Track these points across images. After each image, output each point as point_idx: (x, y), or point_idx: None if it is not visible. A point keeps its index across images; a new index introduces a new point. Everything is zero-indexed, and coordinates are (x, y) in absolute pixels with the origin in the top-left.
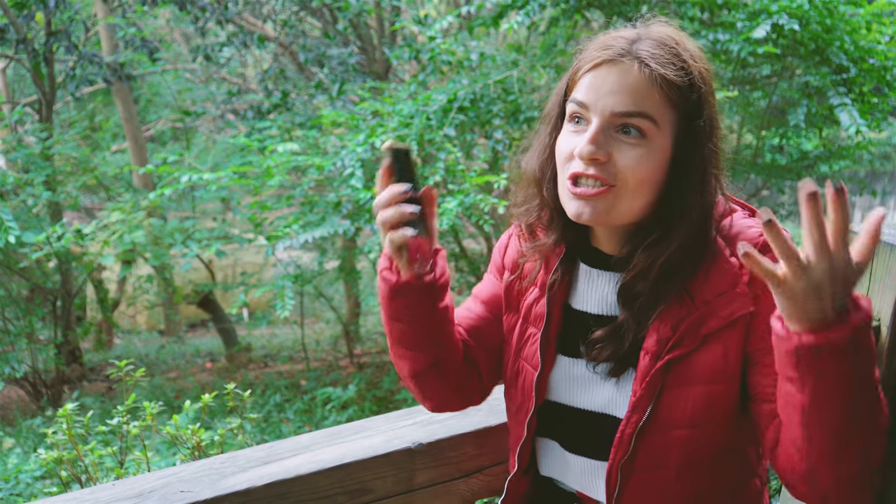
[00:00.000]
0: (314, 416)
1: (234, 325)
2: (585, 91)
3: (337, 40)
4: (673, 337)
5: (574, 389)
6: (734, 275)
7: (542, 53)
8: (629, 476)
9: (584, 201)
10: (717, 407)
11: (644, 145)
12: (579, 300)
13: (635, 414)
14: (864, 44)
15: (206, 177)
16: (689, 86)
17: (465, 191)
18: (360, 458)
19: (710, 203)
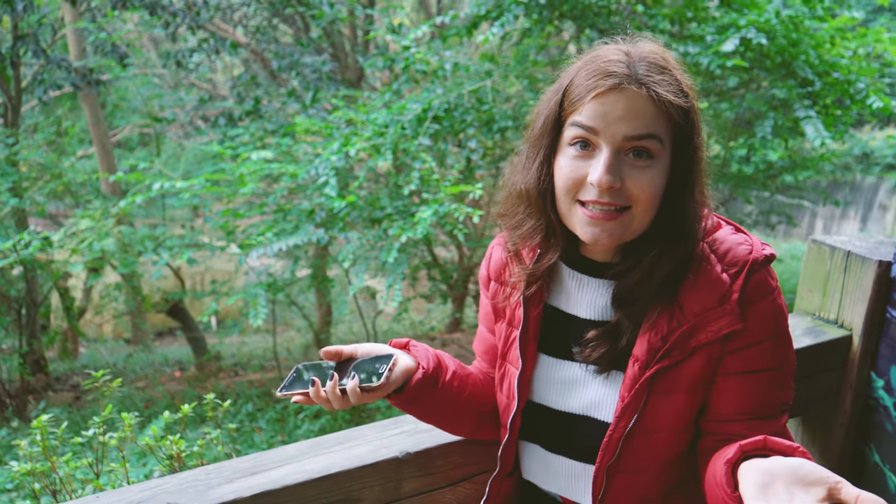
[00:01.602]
0: (287, 426)
1: (203, 333)
2: (593, 117)
3: (310, 48)
4: (663, 347)
5: (556, 391)
6: (724, 290)
7: (516, 64)
8: (614, 477)
9: (600, 227)
10: (694, 410)
11: (653, 165)
12: (569, 304)
13: (623, 419)
14: (829, 58)
15: (178, 185)
16: (687, 106)
17: (439, 200)
18: (347, 467)
19: (702, 214)
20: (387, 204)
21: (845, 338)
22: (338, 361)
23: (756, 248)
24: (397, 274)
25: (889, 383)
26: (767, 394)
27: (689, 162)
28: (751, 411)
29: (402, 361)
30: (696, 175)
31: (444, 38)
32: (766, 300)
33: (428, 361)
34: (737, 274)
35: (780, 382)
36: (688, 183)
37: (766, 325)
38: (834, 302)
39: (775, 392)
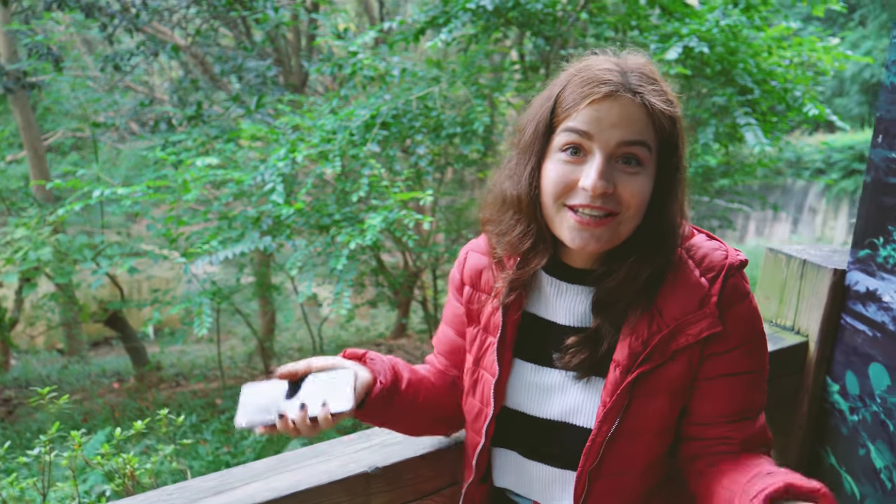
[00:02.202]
0: (232, 437)
1: (142, 343)
2: (587, 122)
3: (254, 52)
4: (644, 352)
5: (534, 397)
6: (703, 294)
7: (463, 70)
8: (596, 481)
9: (589, 233)
10: (674, 414)
11: (642, 172)
12: (547, 310)
13: (605, 423)
14: (766, 66)
15: (120, 191)
16: (675, 116)
17: (388, 207)
18: (316, 484)
19: (682, 222)
20: (334, 210)
21: (802, 344)
22: (292, 381)
23: (731, 254)
24: (346, 281)
25: (844, 388)
26: (748, 396)
27: (674, 171)
28: (733, 413)
29: (360, 376)
30: (680, 184)
31: (390, 44)
32: (742, 304)
33: (385, 374)
34: (714, 278)
35: (758, 384)
36: (672, 191)
37: (745, 327)
38: (790, 308)
39: (755, 394)
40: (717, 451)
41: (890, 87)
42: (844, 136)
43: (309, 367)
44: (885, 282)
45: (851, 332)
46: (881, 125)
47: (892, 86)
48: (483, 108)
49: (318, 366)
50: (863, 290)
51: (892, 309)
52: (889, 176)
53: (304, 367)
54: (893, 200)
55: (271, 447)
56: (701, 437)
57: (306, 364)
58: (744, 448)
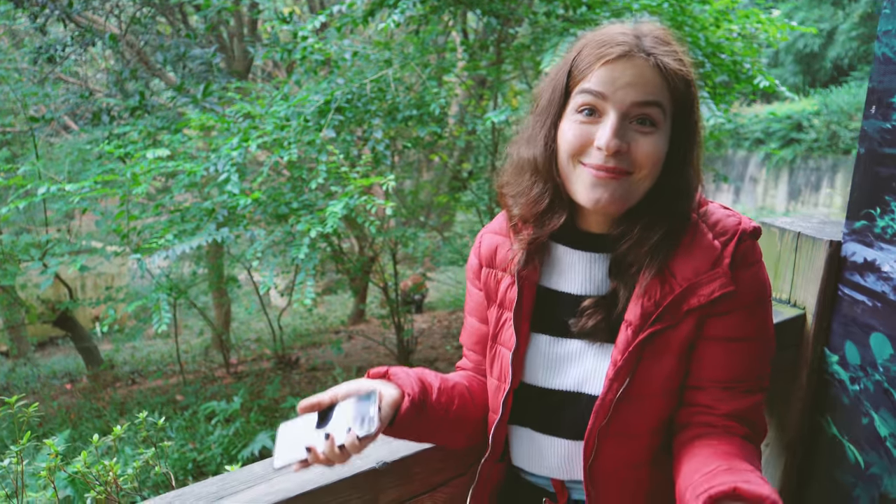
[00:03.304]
0: (197, 432)
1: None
2: (601, 83)
3: (197, 40)
4: (655, 312)
5: (549, 369)
6: (716, 255)
7: (416, 52)
8: (604, 441)
9: (603, 187)
10: (680, 376)
11: (655, 133)
12: (562, 282)
13: (615, 382)
14: (714, 40)
15: (68, 187)
16: (687, 80)
17: (349, 193)
18: (324, 483)
19: (696, 186)
20: (292, 199)
21: (799, 316)
22: (320, 411)
23: (744, 221)
24: (308, 270)
25: (844, 358)
26: (745, 364)
27: (689, 132)
28: (725, 380)
29: (386, 394)
30: (694, 147)
31: (338, 27)
32: (753, 267)
33: (412, 387)
34: (727, 241)
35: (759, 355)
36: (686, 153)
37: (753, 290)
38: (786, 282)
39: (754, 364)
40: (700, 421)
41: (882, 58)
42: (782, 105)
43: (335, 397)
44: (885, 252)
45: (850, 302)
46: (874, 96)
47: (885, 56)
48: (438, 90)
49: (344, 392)
50: (860, 260)
51: (893, 278)
52: (884, 146)
53: (329, 397)
54: (889, 171)
55: (239, 441)
56: (690, 402)
57: (332, 394)
58: (726, 424)
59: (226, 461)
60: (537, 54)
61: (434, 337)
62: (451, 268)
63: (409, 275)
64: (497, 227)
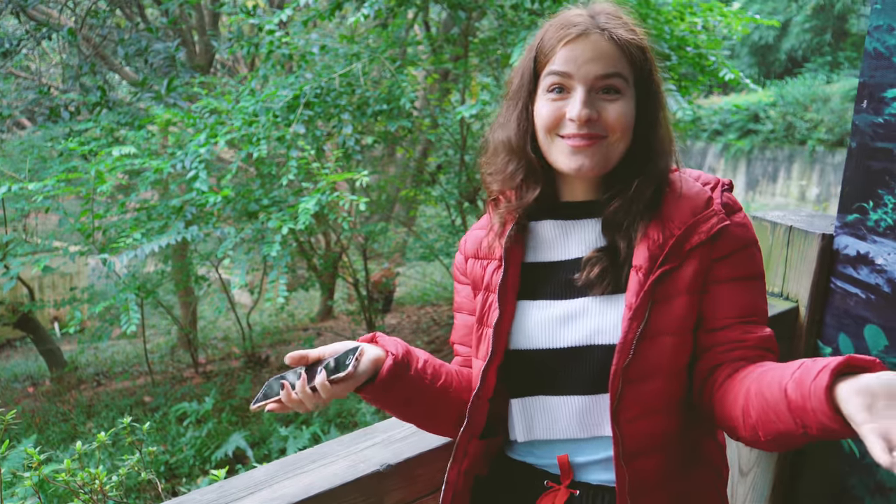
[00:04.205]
0: (168, 434)
1: (59, 344)
2: (565, 63)
3: (160, 33)
4: (662, 254)
5: (552, 329)
6: (707, 197)
7: (384, 46)
8: (627, 384)
9: (582, 154)
10: (692, 316)
11: (621, 99)
12: (555, 254)
13: (634, 321)
14: (679, 33)
15: (31, 186)
16: (642, 47)
17: (321, 189)
18: (328, 487)
19: (671, 143)
20: (261, 195)
21: (792, 309)
22: (306, 365)
23: (720, 177)
24: (280, 267)
25: (838, 350)
26: (755, 300)
27: (652, 96)
28: (745, 315)
29: (369, 352)
30: (659, 107)
31: (304, 21)
32: (739, 213)
33: (397, 348)
34: (713, 188)
35: (762, 292)
36: (653, 114)
37: (746, 232)
38: (778, 276)
39: (760, 301)
40: (736, 356)
41: (873, 53)
42: (739, 96)
43: (322, 354)
44: (878, 245)
45: (842, 295)
46: (865, 90)
47: (876, 52)
48: (407, 84)
49: (331, 351)
50: (853, 253)
51: (886, 271)
52: (876, 140)
53: (316, 353)
54: (881, 165)
55: (212, 442)
56: (717, 342)
57: (319, 351)
58: (759, 354)
59: (199, 463)
60: (504, 47)
61: (404, 332)
62: (419, 263)
63: (375, 270)
64: (481, 224)
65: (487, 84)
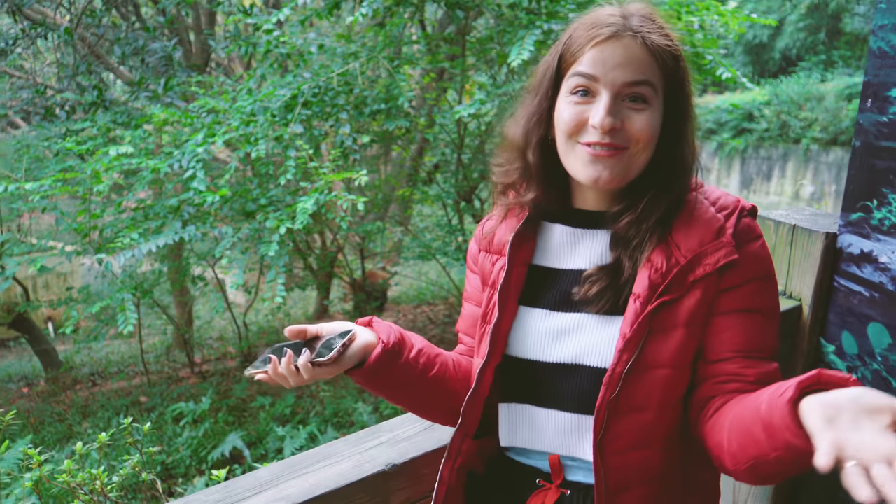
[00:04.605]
0: (164, 434)
1: (54, 344)
2: (592, 65)
3: (156, 32)
4: (662, 283)
5: (541, 342)
6: (719, 226)
7: (382, 44)
8: (614, 417)
9: (601, 164)
10: (691, 349)
11: (648, 109)
12: (561, 260)
13: (625, 353)
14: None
15: (28, 186)
16: (676, 55)
17: (319, 188)
18: (333, 487)
19: (693, 161)
20: (259, 195)
21: (795, 308)
22: (305, 340)
23: (742, 200)
24: (279, 267)
25: (840, 348)
26: (761, 335)
27: (681, 108)
28: (747, 350)
29: (361, 336)
30: (687, 121)
31: (302, 21)
32: (756, 242)
33: (389, 336)
34: (729, 215)
35: (771, 328)
36: (680, 128)
37: (759, 264)
38: (781, 274)
39: (768, 336)
40: (731, 389)
41: (878, 52)
42: (733, 95)
43: (320, 331)
44: (882, 243)
45: (846, 293)
46: (869, 89)
47: (880, 51)
48: (405, 83)
49: (329, 329)
50: (857, 252)
51: (890, 269)
52: (880, 139)
53: (314, 329)
54: (886, 164)
55: (208, 442)
56: (714, 374)
57: (317, 328)
58: (759, 386)
59: (195, 463)
60: (501, 47)
61: None
62: (415, 262)
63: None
64: (497, 214)
65: (484, 83)
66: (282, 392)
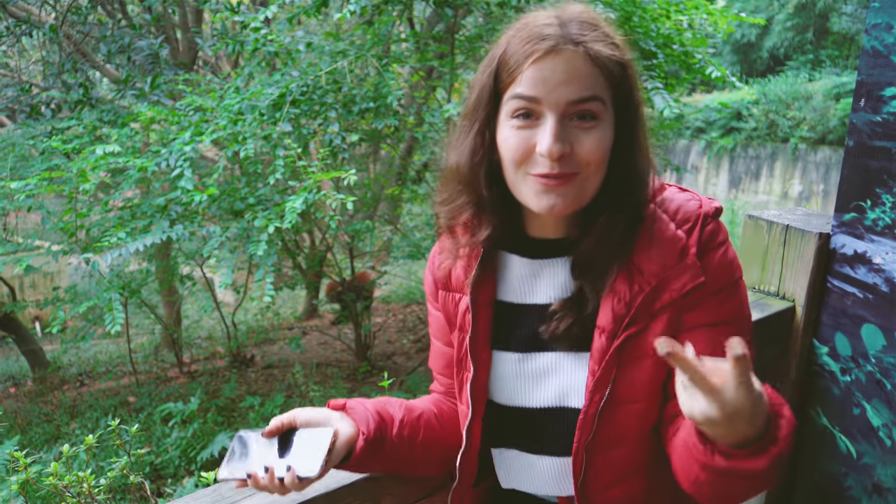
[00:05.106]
0: (153, 434)
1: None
2: (533, 85)
3: (142, 30)
4: (628, 314)
5: (526, 387)
6: (682, 247)
7: (372, 43)
8: (593, 455)
9: (554, 193)
10: (661, 376)
11: (598, 126)
12: (526, 295)
13: (597, 393)
14: (665, 31)
15: (12, 185)
16: (623, 63)
17: (308, 187)
18: (323, 491)
19: (649, 173)
20: (247, 194)
21: (788, 309)
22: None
23: (705, 203)
24: (267, 266)
25: (834, 349)
26: None
27: (632, 119)
28: None
29: (342, 432)
30: (640, 132)
31: (290, 18)
32: (719, 250)
33: (368, 424)
34: (691, 229)
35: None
36: (633, 140)
37: (722, 274)
38: (774, 275)
39: None
40: None
41: (871, 52)
42: (721, 94)
43: (293, 421)
44: (875, 244)
45: (839, 294)
46: (863, 89)
47: (874, 50)
48: (395, 81)
49: (304, 419)
50: (850, 252)
51: (884, 270)
52: (874, 139)
53: (288, 421)
54: (879, 164)
55: (197, 442)
56: None
57: (291, 418)
58: None
59: (184, 463)
60: (490, 45)
61: (390, 331)
62: (405, 261)
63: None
64: (448, 247)
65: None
66: (271, 392)
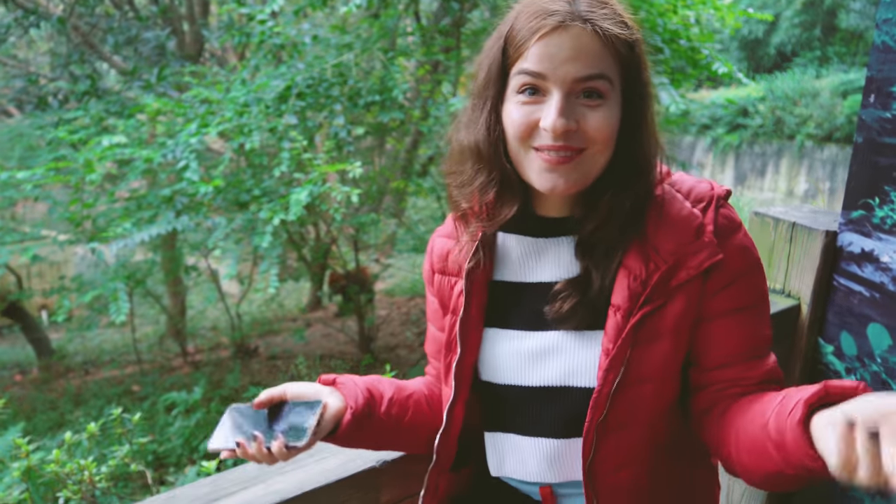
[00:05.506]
0: (156, 424)
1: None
2: (539, 61)
3: (149, 22)
4: (644, 292)
5: (521, 365)
6: (698, 224)
7: (378, 36)
8: (604, 436)
9: (557, 172)
10: (678, 358)
11: (604, 105)
12: (527, 274)
13: (610, 372)
14: (672, 26)
15: (19, 175)
16: (632, 40)
17: (313, 180)
18: (323, 483)
19: (656, 152)
20: (253, 186)
21: (794, 307)
22: (269, 406)
23: (715, 185)
24: (272, 258)
25: (839, 349)
26: (758, 331)
27: (640, 99)
28: (746, 351)
29: (331, 405)
30: (647, 111)
31: (296, 11)
32: (738, 233)
33: (356, 399)
34: (706, 208)
35: (765, 317)
36: (641, 120)
37: (745, 257)
38: (780, 272)
39: (763, 328)
40: (734, 393)
41: (882, 47)
42: (728, 90)
43: (284, 394)
44: (883, 242)
45: (845, 293)
46: (872, 85)
47: (884, 45)
48: (400, 75)
49: (294, 393)
50: (857, 250)
51: (892, 269)
52: (883, 136)
53: (279, 394)
54: (889, 161)
55: (200, 432)
56: (714, 382)
57: (281, 391)
58: (761, 386)
59: (187, 452)
60: None
61: (393, 324)
62: (409, 254)
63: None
64: (447, 230)
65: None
66: (274, 383)
